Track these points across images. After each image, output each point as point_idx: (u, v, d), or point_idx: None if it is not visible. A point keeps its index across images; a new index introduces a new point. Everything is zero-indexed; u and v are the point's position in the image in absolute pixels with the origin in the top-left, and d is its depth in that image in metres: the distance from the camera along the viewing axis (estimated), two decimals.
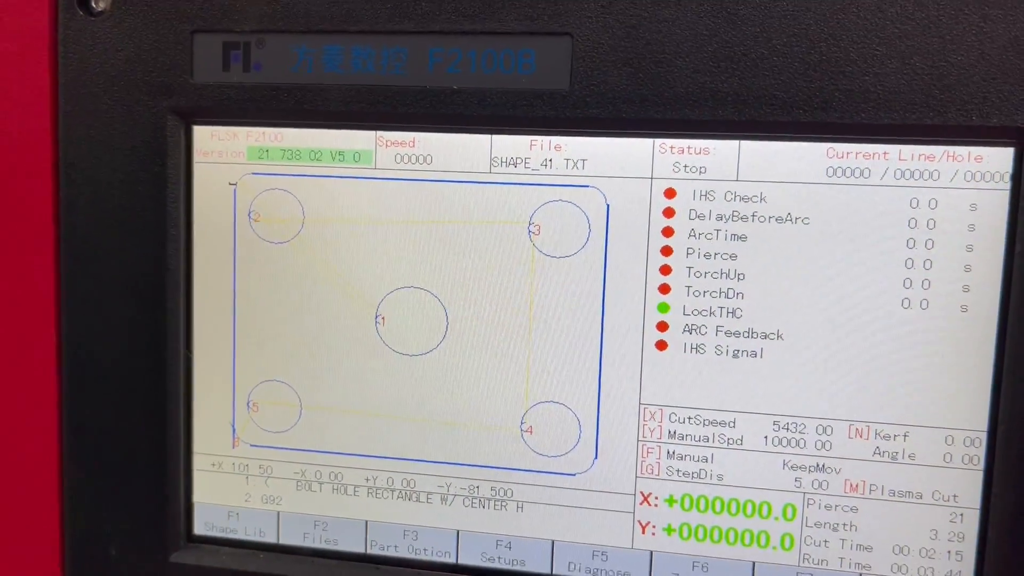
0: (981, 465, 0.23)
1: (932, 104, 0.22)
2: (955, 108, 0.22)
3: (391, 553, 0.26)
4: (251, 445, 0.27)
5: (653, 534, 0.25)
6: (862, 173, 0.23)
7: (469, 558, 0.26)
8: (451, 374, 0.25)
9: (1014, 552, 0.22)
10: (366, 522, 0.26)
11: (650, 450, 0.25)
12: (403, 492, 0.26)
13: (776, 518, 0.24)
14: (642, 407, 0.24)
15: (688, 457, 0.24)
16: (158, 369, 0.26)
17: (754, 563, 0.24)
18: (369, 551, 0.26)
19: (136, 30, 0.25)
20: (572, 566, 0.25)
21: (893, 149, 0.23)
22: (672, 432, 0.24)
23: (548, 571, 0.25)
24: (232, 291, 0.26)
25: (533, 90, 0.23)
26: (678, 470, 0.24)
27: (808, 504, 0.24)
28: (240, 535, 0.27)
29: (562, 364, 0.25)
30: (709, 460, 0.24)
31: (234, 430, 0.27)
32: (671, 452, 0.24)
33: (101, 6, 0.26)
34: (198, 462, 0.27)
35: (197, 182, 0.26)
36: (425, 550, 0.26)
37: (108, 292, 0.26)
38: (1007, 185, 0.22)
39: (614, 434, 0.25)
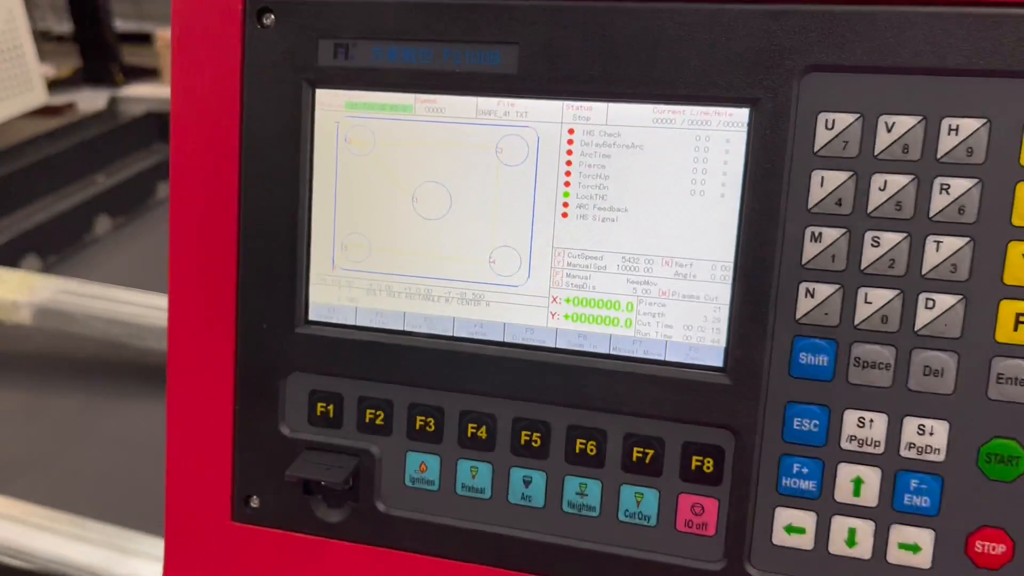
0: (729, 281, 0.43)
1: (705, 83, 0.41)
2: (718, 86, 0.41)
3: (418, 330, 0.47)
4: (342, 269, 0.48)
5: (557, 318, 0.45)
6: (671, 121, 0.43)
7: (461, 332, 0.47)
8: (453, 231, 0.46)
9: (743, 326, 0.42)
10: (404, 313, 0.47)
11: (557, 272, 0.45)
12: (424, 295, 0.47)
13: (622, 309, 0.44)
14: (554, 249, 0.45)
15: (577, 276, 0.45)
16: (297, 229, 0.47)
17: (611, 335, 0.45)
18: (405, 329, 0.47)
19: (286, 35, 0.46)
20: (515, 336, 0.46)
21: (687, 108, 0.42)
22: (569, 263, 0.45)
23: (501, 339, 0.46)
24: (335, 184, 0.47)
25: (497, 73, 0.44)
26: (572, 284, 0.45)
27: (639, 302, 0.44)
28: (334, 319, 0.48)
29: (513, 225, 0.45)
30: (588, 278, 0.44)
31: (333, 260, 0.48)
32: (569, 274, 0.45)
33: (267, 22, 0.47)
34: (313, 278, 0.48)
35: (318, 122, 0.47)
36: (434, 329, 0.47)
37: (268, 183, 0.47)
38: (745, 129, 0.42)
39: (538, 263, 0.45)
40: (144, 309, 1.90)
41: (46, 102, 4.96)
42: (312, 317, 0.48)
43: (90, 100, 5.45)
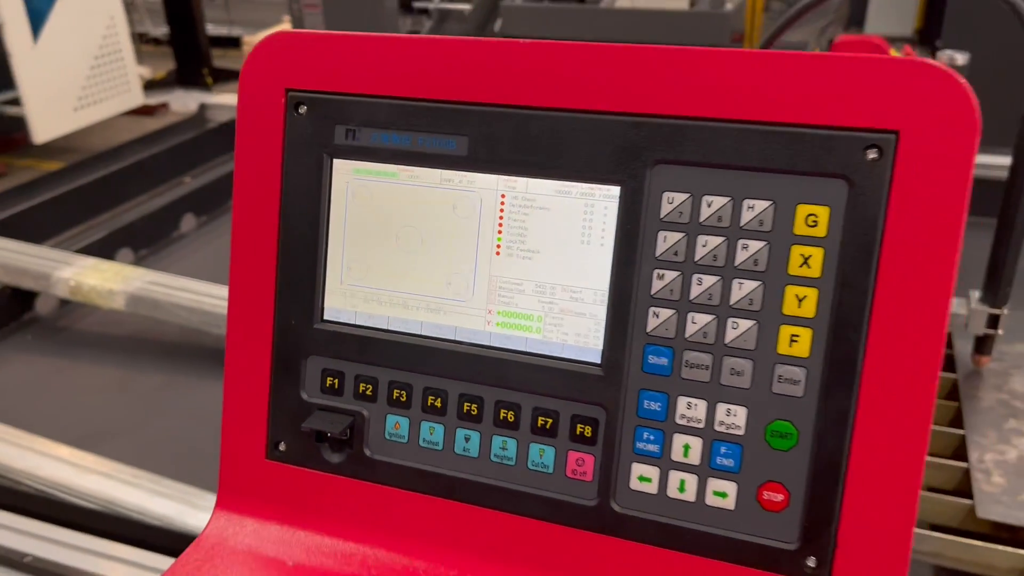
0: (605, 304, 0.61)
1: (590, 168, 0.60)
2: (599, 171, 0.60)
3: (397, 329, 0.67)
4: (348, 284, 0.68)
5: (491, 324, 0.65)
6: (568, 192, 0.61)
7: (426, 332, 0.66)
8: (423, 261, 0.66)
9: (612, 336, 0.61)
10: (387, 317, 0.67)
11: (492, 293, 0.64)
12: (402, 305, 0.67)
13: (534, 320, 0.63)
14: (490, 277, 0.64)
15: (505, 296, 0.64)
16: (317, 255, 0.67)
17: (526, 338, 0.64)
18: (388, 328, 0.67)
19: (314, 121, 0.66)
20: (463, 336, 0.65)
21: (579, 184, 0.61)
22: (500, 287, 0.64)
23: (453, 338, 0.65)
24: (344, 226, 0.67)
25: (454, 155, 0.63)
26: (501, 301, 0.64)
27: (546, 316, 0.63)
28: (341, 319, 0.68)
29: (463, 259, 0.65)
30: (512, 298, 0.64)
31: (341, 278, 0.68)
32: (500, 295, 0.64)
33: (302, 111, 0.67)
34: (328, 290, 0.68)
35: (334, 182, 0.67)
36: (408, 329, 0.67)
37: (299, 223, 0.67)
38: (617, 200, 0.60)
39: (480, 286, 0.64)
40: (220, 301, 2.15)
41: (142, 102, 5.33)
42: (326, 317, 0.69)
43: (182, 100, 5.82)
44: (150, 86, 5.87)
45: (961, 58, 1.55)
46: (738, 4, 4.93)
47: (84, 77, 4.63)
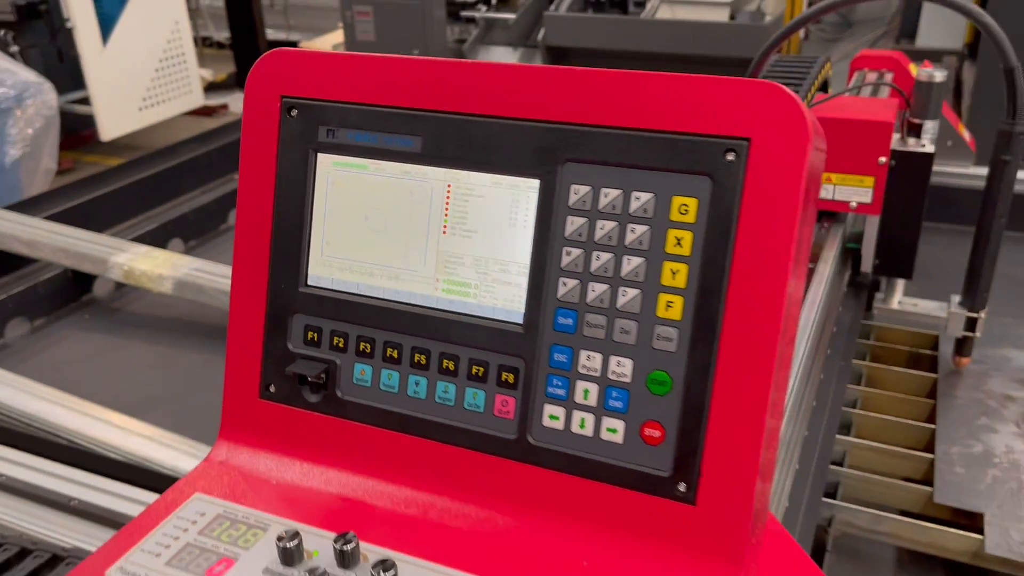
0: (526, 276, 0.75)
1: (516, 164, 0.74)
2: (523, 166, 0.74)
3: (364, 293, 0.82)
4: (326, 256, 0.83)
5: (439, 291, 0.79)
6: (500, 183, 0.76)
7: (386, 296, 0.81)
8: (385, 238, 0.81)
9: (531, 301, 0.75)
10: (357, 283, 0.82)
11: (439, 265, 0.79)
12: (368, 273, 0.82)
13: (472, 287, 0.78)
14: (438, 251, 0.79)
15: (449, 267, 0.78)
16: (303, 232, 0.83)
17: (466, 302, 0.78)
18: (358, 292, 0.82)
19: (302, 123, 0.82)
20: (415, 299, 0.80)
21: (507, 177, 0.75)
22: (446, 260, 0.78)
23: (408, 301, 0.80)
24: (325, 208, 0.83)
25: (411, 151, 0.78)
26: (446, 271, 0.79)
27: (481, 284, 0.77)
28: (321, 285, 0.84)
29: (417, 237, 0.79)
30: (455, 270, 0.78)
31: (322, 250, 0.83)
32: (445, 266, 0.79)
33: (293, 114, 0.83)
34: (311, 260, 0.84)
35: (317, 172, 0.82)
36: (373, 293, 0.82)
37: (289, 205, 0.83)
38: (537, 190, 0.74)
39: (430, 259, 0.79)
40: None
41: (203, 103, 5.60)
42: (309, 283, 0.84)
43: (240, 102, 6.09)
44: (211, 88, 6.15)
45: (940, 75, 1.65)
46: (777, 17, 5.01)
47: (149, 79, 4.91)
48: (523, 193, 0.75)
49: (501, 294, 0.77)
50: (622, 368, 0.73)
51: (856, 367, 1.91)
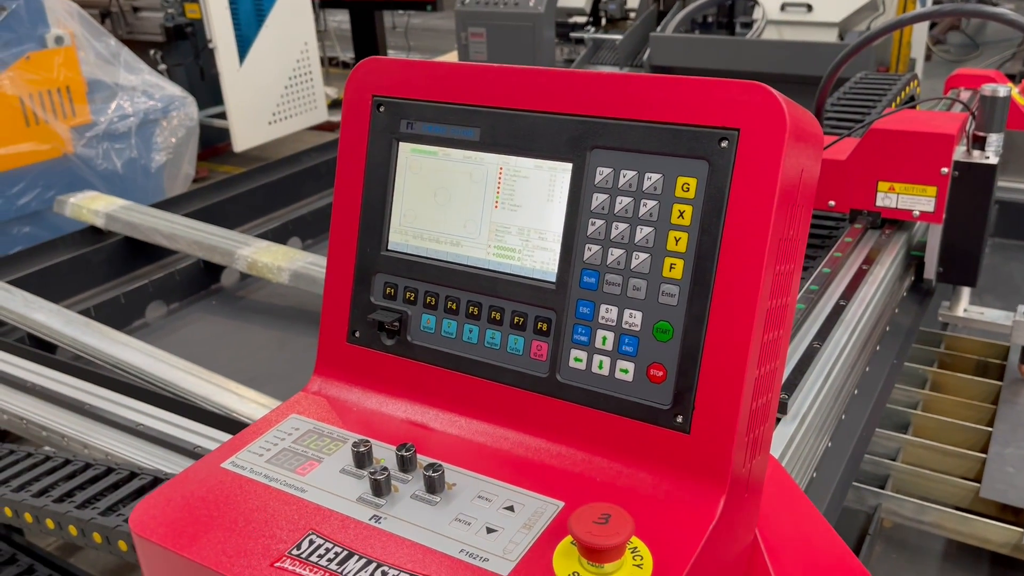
0: (559, 243, 0.92)
1: (554, 150, 0.91)
2: (559, 152, 0.91)
3: (431, 257, 1.00)
4: (403, 225, 1.02)
5: (491, 254, 0.96)
6: (540, 167, 0.92)
7: (449, 259, 0.99)
8: (450, 212, 0.99)
9: (562, 263, 0.91)
10: (426, 247, 1.00)
11: (491, 233, 0.96)
12: (435, 240, 1.00)
13: (516, 252, 0.95)
14: (491, 223, 0.96)
15: (499, 236, 0.96)
16: (385, 206, 1.02)
17: (511, 264, 0.95)
18: (427, 256, 1.01)
19: (388, 117, 1.01)
20: (471, 262, 0.97)
21: (547, 161, 0.92)
22: (496, 230, 0.96)
23: (466, 264, 0.98)
24: (404, 187, 1.01)
25: (470, 140, 0.96)
26: (496, 240, 0.96)
27: (523, 250, 0.94)
28: (398, 250, 1.02)
29: (474, 211, 0.97)
30: (503, 238, 0.95)
31: (400, 221, 1.02)
32: (496, 234, 0.96)
33: (381, 110, 1.02)
34: (392, 229, 1.03)
35: (399, 157, 1.01)
36: (439, 257, 1.00)
37: (375, 185, 1.02)
38: (569, 172, 0.91)
39: (484, 229, 0.96)
40: None
41: (326, 119, 5.99)
42: (389, 248, 1.03)
43: None
44: (334, 105, 6.55)
45: (1003, 91, 1.72)
46: (886, 38, 4.99)
47: (279, 95, 5.32)
48: (559, 174, 0.92)
49: (539, 257, 0.94)
50: (633, 319, 0.88)
51: (922, 373, 1.97)
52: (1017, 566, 1.55)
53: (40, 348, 2.28)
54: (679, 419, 0.86)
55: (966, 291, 1.95)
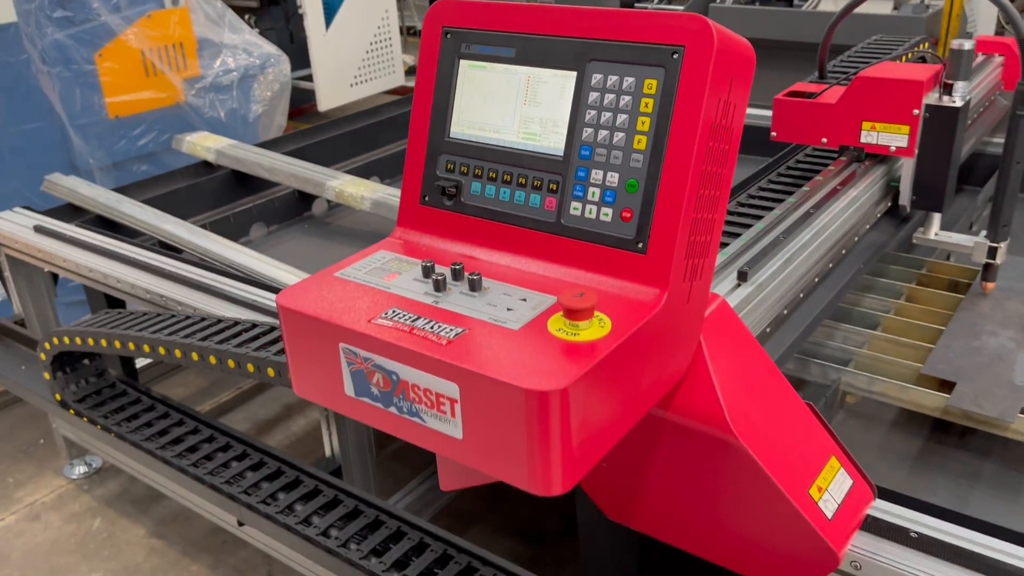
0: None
1: (562, 64, 1.32)
2: (567, 64, 1.32)
3: (481, 142, 1.43)
4: (461, 120, 1.44)
5: (520, 138, 1.38)
6: (556, 76, 1.34)
7: (494, 143, 1.41)
8: (491, 112, 1.41)
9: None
10: (477, 134, 1.43)
11: (521, 123, 1.38)
12: (480, 128, 1.42)
13: (538, 135, 1.36)
14: (521, 115, 1.38)
15: (527, 125, 1.37)
16: (448, 107, 1.44)
17: (534, 143, 1.37)
18: (479, 142, 1.43)
19: (453, 42, 1.43)
20: (507, 143, 1.40)
21: (559, 71, 1.33)
22: (525, 120, 1.38)
23: (511, 147, 1.40)
24: (464, 94, 1.43)
25: (509, 57, 1.38)
26: (524, 126, 1.38)
27: (543, 133, 1.36)
28: (458, 137, 1.45)
29: (510, 107, 1.39)
30: (530, 125, 1.37)
31: (459, 118, 1.44)
32: (524, 124, 1.38)
33: (449, 36, 1.44)
34: (453, 122, 1.45)
35: (460, 72, 1.44)
36: (488, 141, 1.42)
37: (442, 91, 1.44)
38: (573, 79, 1.32)
39: (516, 120, 1.39)
40: None
41: (402, 84, 6.47)
42: (451, 136, 1.45)
43: None
44: (411, 72, 7.02)
45: (968, 44, 2.06)
46: (937, 10, 5.21)
47: (360, 60, 5.80)
48: (568, 80, 1.33)
49: (552, 139, 1.35)
50: (612, 179, 1.29)
51: (899, 288, 2.33)
52: (951, 430, 1.92)
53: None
54: (639, 245, 1.27)
55: (937, 218, 2.29)
